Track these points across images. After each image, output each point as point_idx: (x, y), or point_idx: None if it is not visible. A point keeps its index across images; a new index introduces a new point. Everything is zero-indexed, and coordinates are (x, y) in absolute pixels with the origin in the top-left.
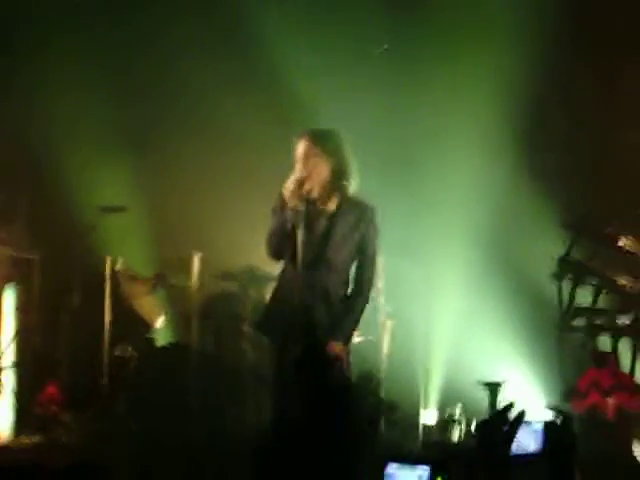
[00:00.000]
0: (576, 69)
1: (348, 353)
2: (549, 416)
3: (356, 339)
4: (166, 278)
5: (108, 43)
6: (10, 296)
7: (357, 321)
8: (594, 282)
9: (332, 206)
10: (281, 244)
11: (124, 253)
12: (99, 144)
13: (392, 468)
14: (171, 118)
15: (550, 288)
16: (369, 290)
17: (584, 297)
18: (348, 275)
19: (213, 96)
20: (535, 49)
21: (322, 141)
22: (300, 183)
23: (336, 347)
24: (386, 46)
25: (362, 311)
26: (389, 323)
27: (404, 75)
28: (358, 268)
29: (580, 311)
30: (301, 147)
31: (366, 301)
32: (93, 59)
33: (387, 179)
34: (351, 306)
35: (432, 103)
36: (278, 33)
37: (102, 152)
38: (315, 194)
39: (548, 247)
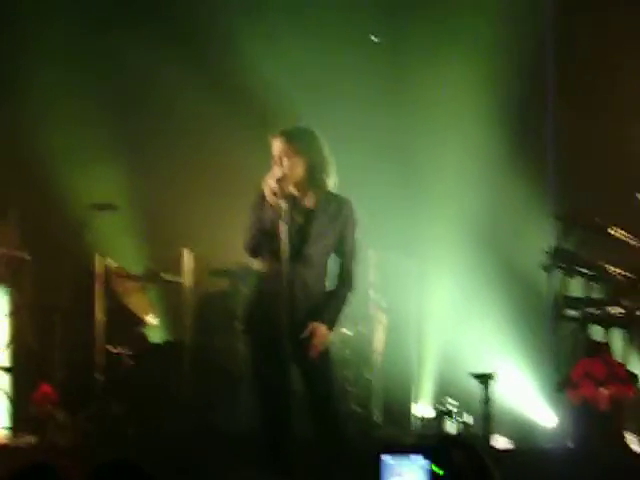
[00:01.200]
0: (574, 58)
1: (331, 342)
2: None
3: (348, 332)
4: (157, 275)
5: (101, 44)
6: (1, 296)
7: (339, 309)
8: (585, 272)
9: (310, 202)
10: (260, 241)
11: (115, 251)
12: (90, 143)
13: (389, 459)
14: (163, 117)
15: (542, 279)
16: (351, 281)
17: (576, 287)
18: (326, 270)
19: (204, 96)
20: (530, 38)
21: (295, 140)
22: (278, 180)
23: (317, 327)
24: (377, 39)
25: (345, 300)
26: (382, 317)
27: (396, 66)
28: (339, 262)
29: (572, 301)
30: (276, 146)
31: (349, 290)
32: (85, 59)
33: (379, 173)
34: (334, 294)
35: (425, 94)
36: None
37: (93, 150)
38: (293, 190)
39: (539, 238)
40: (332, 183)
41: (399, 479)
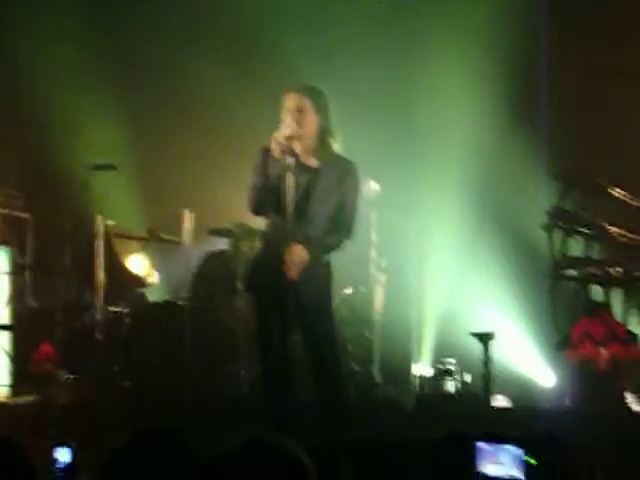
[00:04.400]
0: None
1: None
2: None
3: (348, 292)
4: (157, 234)
5: (106, 7)
6: (2, 256)
7: (329, 245)
8: (585, 232)
9: (315, 161)
10: (264, 199)
11: (115, 211)
12: (91, 103)
13: (484, 445)
14: (164, 79)
15: (542, 238)
16: (349, 229)
17: (576, 247)
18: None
19: (204, 61)
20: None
21: (313, 96)
22: (288, 137)
23: (295, 246)
24: None
25: (337, 241)
26: (382, 277)
27: (399, 30)
28: (338, 218)
29: (572, 261)
30: (292, 100)
31: (344, 236)
32: (90, 21)
33: (380, 134)
34: (328, 231)
35: (425, 57)
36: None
37: (93, 111)
38: (300, 149)
39: (540, 198)
40: (337, 147)
41: (494, 466)
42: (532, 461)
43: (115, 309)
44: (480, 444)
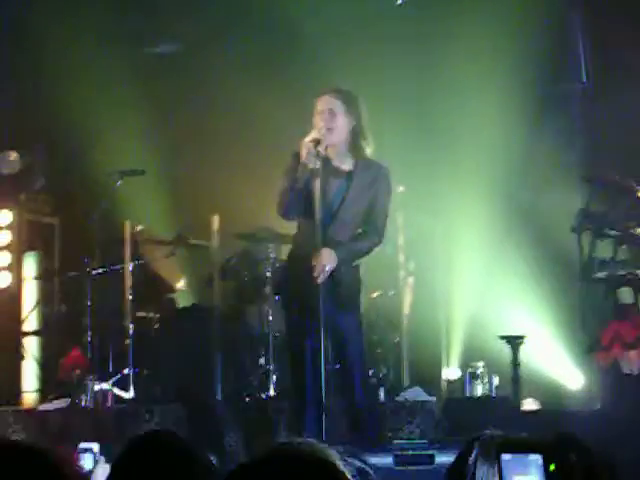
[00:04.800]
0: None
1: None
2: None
3: (376, 296)
4: (186, 239)
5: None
6: (31, 262)
7: (358, 248)
8: (614, 234)
9: (347, 166)
10: (294, 203)
11: (143, 216)
12: (119, 108)
13: (507, 457)
14: (192, 84)
15: (571, 241)
16: (379, 234)
17: (605, 250)
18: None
19: (235, 62)
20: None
21: (346, 99)
22: (318, 141)
23: (323, 249)
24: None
25: (367, 245)
26: (410, 280)
27: (422, 29)
28: (369, 222)
29: (600, 263)
30: (324, 103)
31: (375, 240)
32: (122, 21)
33: (407, 136)
34: (359, 235)
35: (450, 57)
36: None
37: (122, 116)
38: (332, 152)
39: (568, 200)
40: (370, 151)
41: (520, 477)
42: (551, 467)
43: (144, 314)
44: (504, 456)
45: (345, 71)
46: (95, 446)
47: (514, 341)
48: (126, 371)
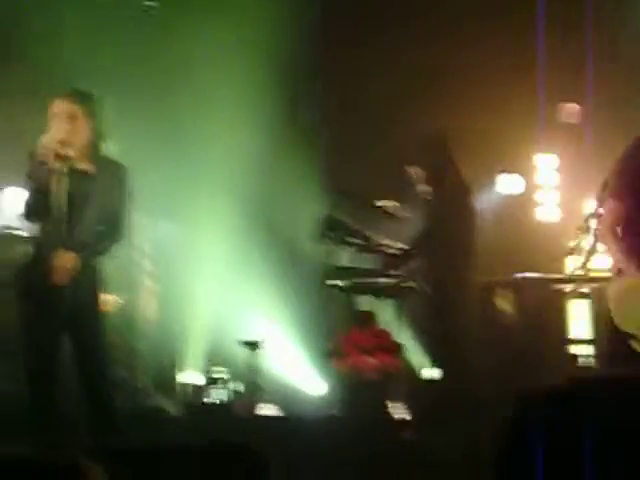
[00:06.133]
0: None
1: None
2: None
3: (118, 300)
4: None
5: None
6: None
7: (97, 249)
8: (355, 242)
9: (87, 166)
10: (34, 204)
11: None
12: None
13: None
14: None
15: (314, 248)
16: (116, 233)
17: (346, 257)
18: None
19: None
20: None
21: (84, 102)
22: (60, 142)
23: (63, 252)
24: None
25: (105, 244)
26: (152, 284)
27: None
28: (108, 222)
29: (341, 270)
30: (62, 106)
31: (113, 239)
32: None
33: (150, 140)
34: (98, 235)
35: (197, 58)
36: None
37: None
38: (73, 154)
39: (313, 209)
40: (111, 152)
41: None
42: None
43: None
44: None
45: (89, 73)
46: None
47: (252, 346)
48: None
